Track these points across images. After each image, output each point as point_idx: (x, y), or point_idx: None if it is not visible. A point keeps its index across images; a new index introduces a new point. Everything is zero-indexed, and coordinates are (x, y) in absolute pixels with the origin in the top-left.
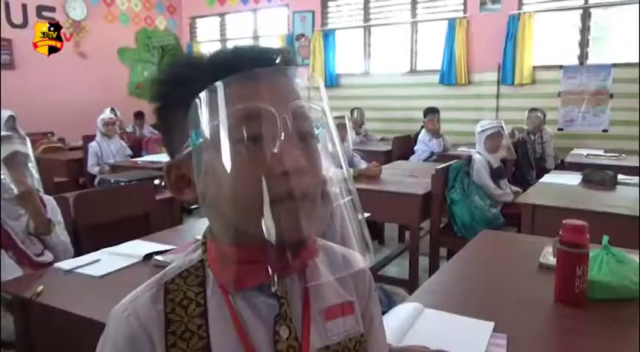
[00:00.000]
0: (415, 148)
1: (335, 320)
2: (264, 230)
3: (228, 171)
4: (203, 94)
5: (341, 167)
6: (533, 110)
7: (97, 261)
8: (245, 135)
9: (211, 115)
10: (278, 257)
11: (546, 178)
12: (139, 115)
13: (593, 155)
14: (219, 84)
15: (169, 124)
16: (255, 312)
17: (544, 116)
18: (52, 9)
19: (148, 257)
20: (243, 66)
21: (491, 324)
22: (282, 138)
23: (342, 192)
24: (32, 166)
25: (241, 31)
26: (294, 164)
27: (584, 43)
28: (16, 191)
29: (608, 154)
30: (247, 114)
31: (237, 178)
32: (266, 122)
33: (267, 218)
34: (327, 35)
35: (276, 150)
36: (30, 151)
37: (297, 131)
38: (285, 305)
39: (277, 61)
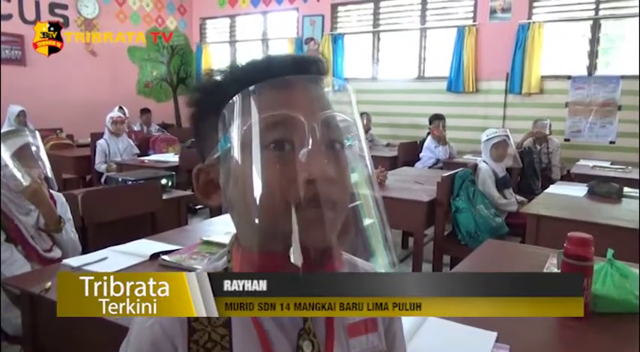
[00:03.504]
0: (421, 155)
1: (359, 337)
2: (290, 234)
3: (256, 176)
4: (234, 100)
5: (369, 178)
6: (539, 120)
7: (104, 258)
8: (273, 141)
9: (241, 121)
10: (304, 268)
11: (552, 189)
12: (145, 111)
13: (599, 167)
14: (250, 90)
15: (201, 130)
16: (279, 325)
17: (549, 126)
18: (65, 6)
19: (155, 256)
20: (276, 74)
21: (494, 334)
22: (310, 146)
23: (369, 205)
24: (44, 158)
25: (251, 33)
26: (321, 172)
27: (593, 54)
28: (25, 183)
29: (615, 166)
30: (277, 121)
31: (264, 184)
32: (295, 130)
33: (292, 222)
34: (336, 39)
35: (303, 158)
36: (40, 144)
37: (325, 140)
38: (309, 320)
39: (312, 70)
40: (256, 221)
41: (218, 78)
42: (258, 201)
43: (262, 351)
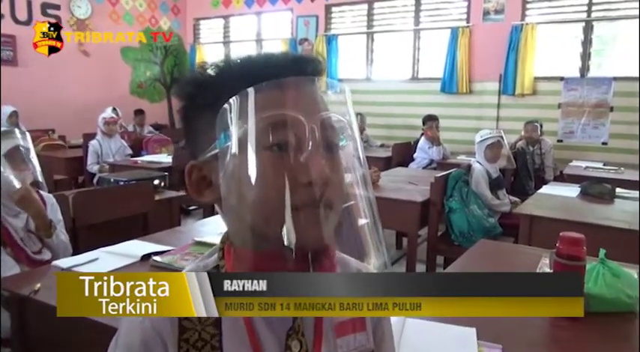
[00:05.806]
0: (415, 155)
1: (346, 336)
2: (284, 235)
3: (254, 176)
4: (234, 99)
5: (364, 180)
6: (529, 122)
7: (95, 259)
8: (273, 141)
9: (241, 120)
10: (296, 268)
11: (545, 189)
12: (139, 112)
13: (592, 168)
14: (250, 90)
15: (194, 125)
16: (269, 324)
17: (541, 127)
18: (57, 7)
19: (146, 257)
20: (276, 73)
21: (473, 330)
22: (310, 147)
23: (363, 205)
24: (34, 160)
25: (245, 33)
26: (320, 174)
27: (585, 56)
28: (17, 186)
29: (607, 167)
30: (277, 121)
31: (263, 183)
32: (295, 130)
33: (288, 223)
34: (330, 40)
35: (302, 159)
36: (31, 146)
37: (324, 141)
38: (298, 319)
39: (309, 70)
40: (256, 220)
41: (214, 73)
42: (258, 201)
43: (251, 350)
